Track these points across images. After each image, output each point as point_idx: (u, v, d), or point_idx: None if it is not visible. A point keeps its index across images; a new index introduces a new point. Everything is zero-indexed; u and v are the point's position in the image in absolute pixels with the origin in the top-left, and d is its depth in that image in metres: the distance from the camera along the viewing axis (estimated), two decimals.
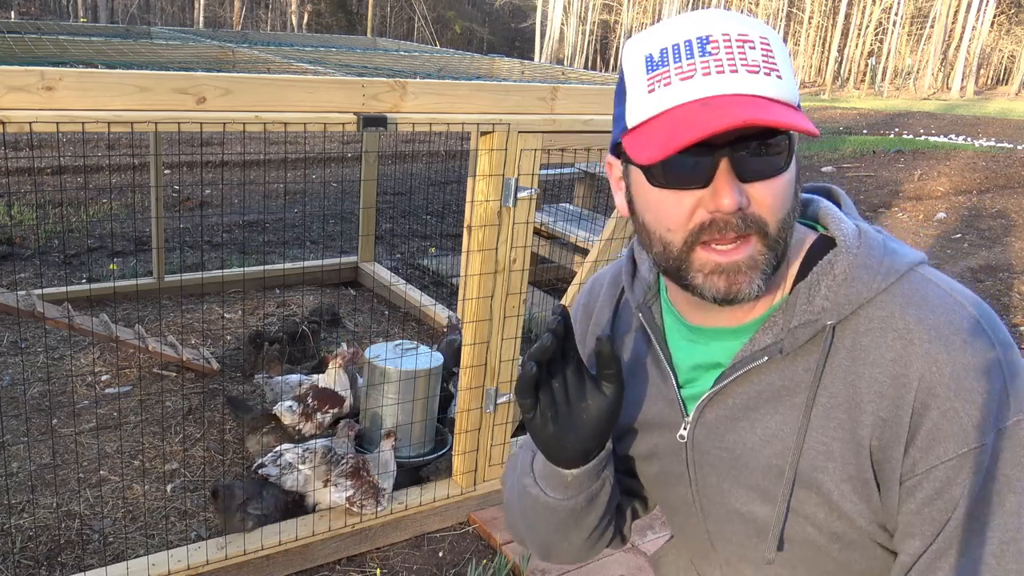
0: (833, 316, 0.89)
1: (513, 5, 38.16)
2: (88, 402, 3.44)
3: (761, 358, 0.92)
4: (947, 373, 0.83)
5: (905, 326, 0.86)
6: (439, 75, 3.00)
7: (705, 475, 1.01)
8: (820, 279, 0.90)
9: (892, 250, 0.91)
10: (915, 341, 0.85)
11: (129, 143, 8.65)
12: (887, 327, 0.87)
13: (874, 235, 0.92)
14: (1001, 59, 47.13)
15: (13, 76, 1.82)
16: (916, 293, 0.87)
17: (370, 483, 2.67)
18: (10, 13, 23.44)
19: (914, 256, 0.92)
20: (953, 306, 0.86)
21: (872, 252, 0.90)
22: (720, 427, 0.97)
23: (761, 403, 0.94)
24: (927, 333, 0.85)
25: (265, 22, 31.81)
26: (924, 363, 0.84)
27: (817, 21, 41.86)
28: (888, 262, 0.89)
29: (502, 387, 2.79)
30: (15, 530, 2.66)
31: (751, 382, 0.94)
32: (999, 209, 9.27)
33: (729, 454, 0.97)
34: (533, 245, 3.71)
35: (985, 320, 0.86)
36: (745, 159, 0.83)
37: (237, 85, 2.09)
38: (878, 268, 0.89)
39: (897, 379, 0.85)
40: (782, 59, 0.84)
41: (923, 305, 0.86)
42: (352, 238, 6.17)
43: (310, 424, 3.04)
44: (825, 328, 0.89)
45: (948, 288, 0.88)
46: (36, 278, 4.86)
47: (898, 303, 0.87)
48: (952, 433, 0.83)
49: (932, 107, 27.07)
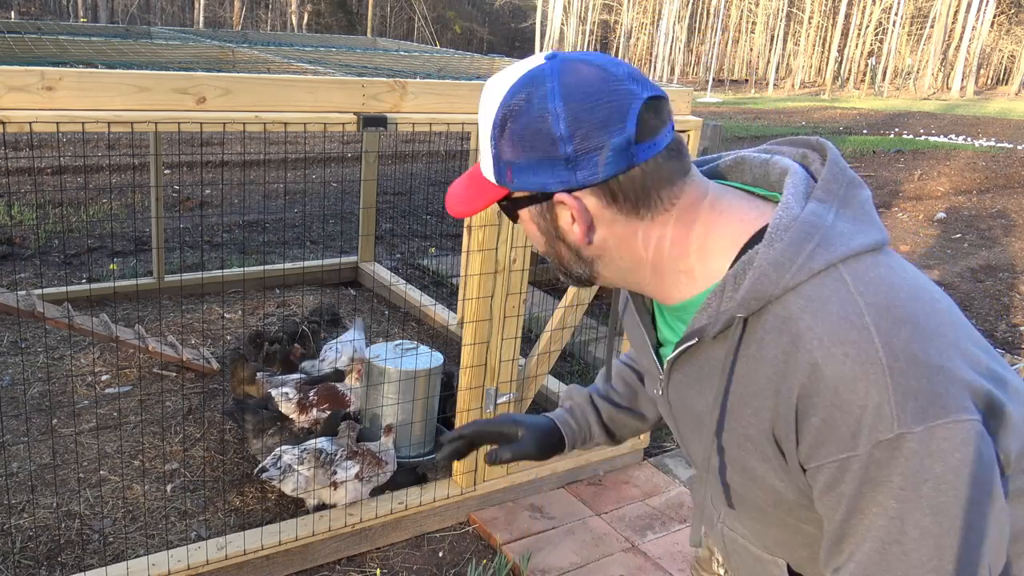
0: (743, 310, 0.92)
1: (513, 5, 38.14)
2: (88, 402, 3.44)
3: (694, 339, 0.98)
4: (825, 384, 0.86)
5: (797, 331, 0.88)
6: (439, 75, 3.00)
7: (679, 425, 1.13)
8: (745, 270, 0.92)
9: (824, 240, 0.90)
10: (800, 348, 0.88)
11: (129, 143, 8.65)
12: (784, 329, 0.89)
13: (809, 224, 0.91)
14: (1001, 59, 47.12)
15: (13, 76, 1.82)
16: (820, 296, 0.88)
17: (371, 455, 2.72)
18: (10, 13, 23.43)
19: (849, 247, 0.90)
20: (849, 315, 0.86)
21: (792, 247, 0.90)
22: (682, 389, 1.06)
23: (702, 377, 1.01)
24: (812, 341, 0.87)
25: (265, 22, 31.80)
26: (806, 371, 0.87)
27: (817, 21, 41.85)
28: (807, 258, 0.89)
29: (502, 387, 2.79)
30: (15, 530, 2.66)
31: (695, 356, 1.01)
32: (999, 209, 9.27)
33: (691, 413, 1.07)
34: (532, 246, 3.70)
35: (881, 331, 0.85)
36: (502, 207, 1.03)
37: (237, 85, 2.09)
38: (790, 266, 0.89)
39: (785, 380, 0.89)
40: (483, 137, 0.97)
41: (819, 310, 0.88)
42: (352, 238, 6.17)
43: (305, 416, 3.05)
44: (735, 320, 0.93)
45: (858, 291, 0.88)
46: (36, 278, 4.86)
47: (799, 305, 0.89)
48: (831, 439, 0.87)
49: (932, 107, 27.07)
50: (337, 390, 3.14)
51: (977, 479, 0.84)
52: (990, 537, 0.85)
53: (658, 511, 3.00)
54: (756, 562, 1.15)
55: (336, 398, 3.11)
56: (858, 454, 0.85)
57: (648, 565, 2.70)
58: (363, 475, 2.68)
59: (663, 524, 2.92)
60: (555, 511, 2.96)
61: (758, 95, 30.76)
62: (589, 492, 3.11)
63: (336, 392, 3.13)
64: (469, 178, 1.01)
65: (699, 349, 1.00)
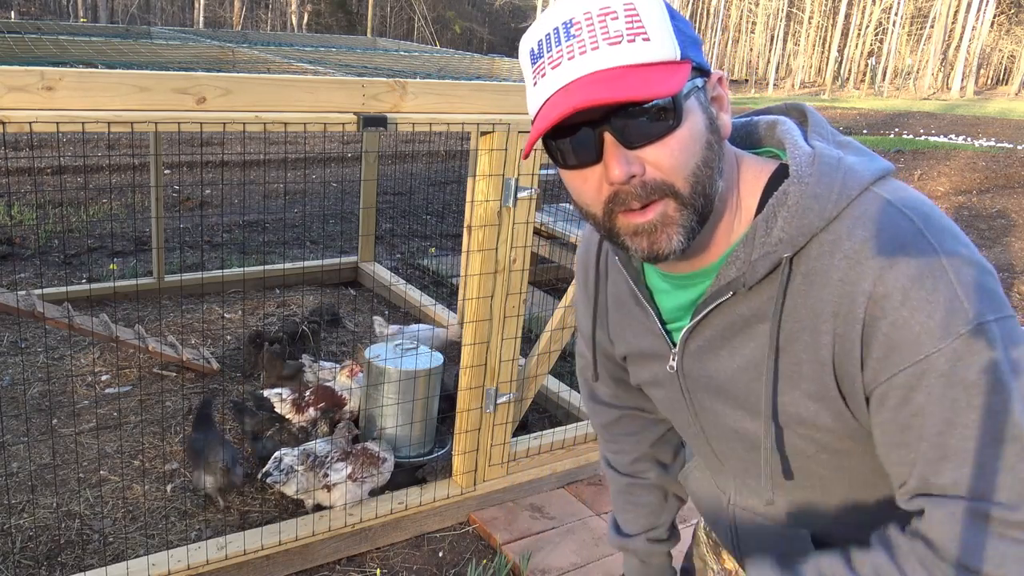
0: (788, 249, 0.91)
1: (513, 5, 38.15)
2: (88, 402, 3.44)
3: (727, 293, 0.95)
4: (892, 286, 0.84)
5: (851, 246, 0.88)
6: (439, 75, 3.00)
7: (700, 399, 1.07)
8: (776, 211, 0.92)
9: (849, 169, 0.91)
10: (860, 260, 0.87)
11: (129, 143, 8.66)
12: (835, 250, 0.89)
13: (829, 157, 0.92)
14: (1001, 59, 47.13)
15: (13, 76, 1.82)
16: (865, 213, 0.88)
17: (366, 454, 2.71)
18: (10, 13, 23.44)
19: (871, 172, 0.91)
20: (898, 220, 0.87)
21: (823, 178, 0.90)
22: (703, 356, 1.03)
23: (735, 332, 0.98)
24: (871, 251, 0.86)
25: (265, 22, 31.81)
26: (870, 279, 0.86)
27: (817, 21, 41.86)
28: (840, 186, 0.90)
29: (502, 387, 2.79)
30: (15, 530, 2.66)
31: (724, 314, 0.98)
32: (999, 209, 9.27)
33: (715, 380, 1.03)
34: (533, 245, 3.72)
35: (932, 231, 0.86)
36: (627, 127, 0.85)
37: (237, 85, 2.09)
38: (828, 195, 0.90)
39: (846, 297, 0.87)
40: (651, 18, 0.85)
41: (869, 224, 0.88)
42: (352, 238, 6.17)
43: (300, 416, 3.05)
44: (782, 260, 0.91)
45: (899, 203, 0.88)
46: (36, 278, 4.86)
47: (846, 226, 0.89)
48: (905, 341, 0.84)
49: (932, 107, 27.07)
50: (333, 390, 3.14)
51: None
52: None
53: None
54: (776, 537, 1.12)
55: (332, 398, 3.12)
56: (940, 349, 0.82)
57: None
58: (356, 476, 2.68)
59: None
60: (555, 511, 2.96)
61: (758, 95, 30.76)
62: (589, 492, 3.11)
63: (331, 392, 3.14)
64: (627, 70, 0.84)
65: (725, 305, 0.97)
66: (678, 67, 0.85)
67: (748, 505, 1.16)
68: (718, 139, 0.91)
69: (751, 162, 0.98)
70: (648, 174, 0.86)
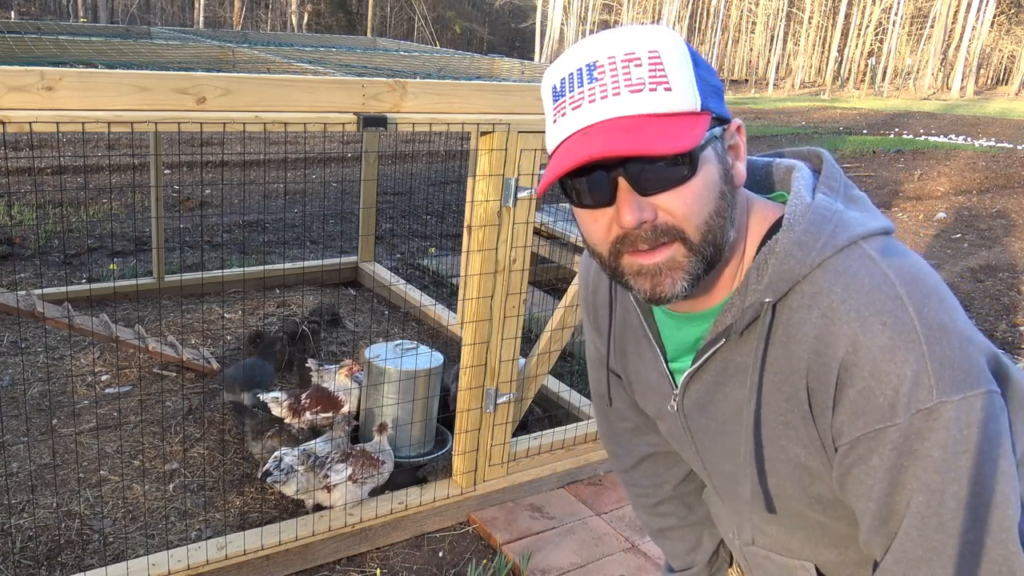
0: (770, 294, 0.92)
1: (513, 5, 38.15)
2: (88, 402, 3.44)
3: (721, 340, 0.97)
4: (864, 356, 0.86)
5: (829, 304, 0.88)
6: (439, 75, 3.00)
7: (700, 438, 1.10)
8: (768, 258, 0.93)
9: (842, 222, 0.91)
10: (836, 320, 0.88)
11: (129, 143, 8.65)
12: (814, 304, 0.90)
13: (824, 208, 0.92)
14: (1001, 59, 47.12)
15: (13, 76, 1.82)
16: (848, 269, 0.89)
17: (365, 456, 2.71)
18: (10, 13, 23.43)
19: (865, 228, 0.91)
20: (881, 285, 0.87)
21: (811, 227, 0.91)
22: (702, 399, 1.04)
23: (728, 378, 1.00)
24: (848, 312, 0.87)
25: (265, 22, 31.80)
26: (843, 346, 0.87)
27: (817, 21, 41.85)
28: (829, 236, 0.90)
29: (502, 387, 2.79)
30: (15, 530, 2.66)
31: (719, 359, 1.00)
32: (999, 209, 9.27)
33: (714, 422, 1.05)
34: (533, 245, 3.72)
35: (914, 297, 0.86)
36: (643, 174, 0.86)
37: (237, 85, 2.08)
38: (814, 244, 0.90)
39: (820, 357, 0.89)
40: (675, 67, 0.86)
41: (851, 283, 0.88)
42: (352, 238, 6.17)
43: (296, 420, 3.05)
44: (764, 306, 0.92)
45: (885, 265, 0.88)
46: (36, 278, 4.86)
47: (828, 279, 0.89)
48: (869, 409, 0.86)
49: (932, 107, 27.07)
50: (330, 392, 3.14)
51: (1006, 449, 0.85)
52: (1015, 505, 0.86)
53: None
54: (782, 569, 1.14)
55: (329, 400, 3.12)
56: (897, 423, 0.84)
57: (648, 565, 2.70)
58: (356, 477, 2.67)
59: None
60: (555, 511, 2.96)
61: (758, 95, 30.76)
62: (589, 492, 3.11)
63: (329, 394, 3.14)
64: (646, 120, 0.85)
65: (721, 351, 0.99)
66: (697, 119, 0.86)
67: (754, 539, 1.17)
68: (732, 188, 0.91)
69: (760, 208, 0.98)
70: (660, 219, 0.87)
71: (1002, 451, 0.84)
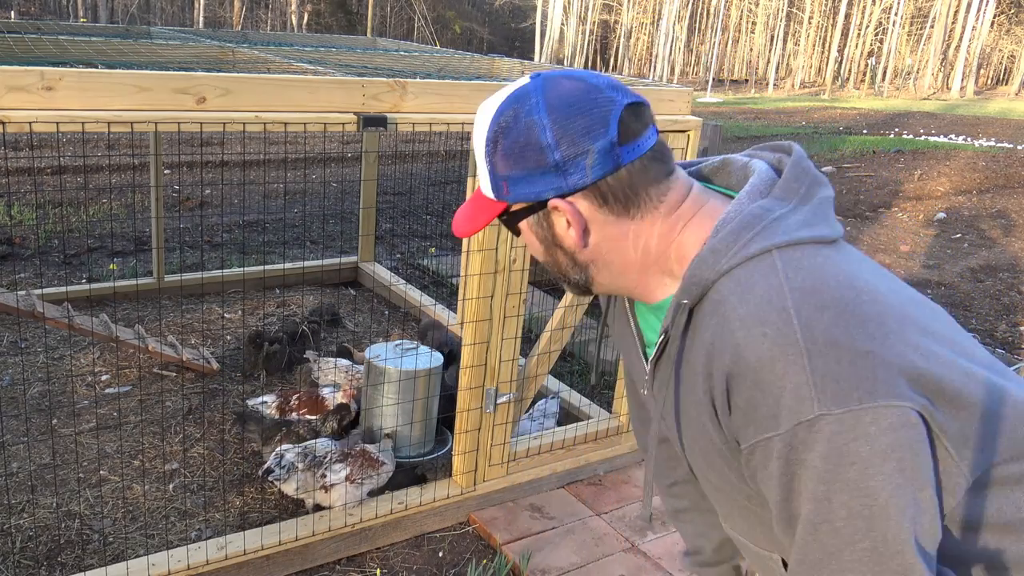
0: (685, 296, 0.96)
1: (513, 5, 38.15)
2: (88, 402, 3.44)
3: (663, 335, 1.02)
4: (744, 366, 0.89)
5: (724, 312, 0.92)
6: (439, 75, 3.00)
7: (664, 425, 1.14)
8: None
9: (767, 228, 0.93)
10: (725, 328, 0.91)
11: (129, 143, 8.65)
12: (715, 311, 0.93)
13: (752, 217, 0.95)
14: (1001, 59, 47.12)
15: (13, 76, 1.82)
16: (748, 279, 0.91)
17: (365, 456, 2.70)
18: (10, 13, 23.44)
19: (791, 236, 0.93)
20: (771, 297, 0.89)
21: (731, 235, 0.94)
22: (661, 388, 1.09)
23: (668, 375, 1.04)
24: (735, 323, 0.90)
25: (265, 22, 31.80)
26: (728, 355, 0.90)
27: (817, 21, 41.85)
28: (743, 245, 0.93)
29: (502, 387, 2.79)
30: (15, 530, 2.66)
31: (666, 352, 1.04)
32: (999, 209, 9.27)
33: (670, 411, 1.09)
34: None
35: (805, 311, 0.87)
36: None
37: (237, 85, 2.08)
38: (726, 251, 0.93)
39: (712, 361, 0.93)
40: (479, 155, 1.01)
41: (745, 292, 0.91)
42: (352, 238, 6.17)
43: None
44: (680, 306, 0.97)
45: (785, 276, 0.90)
46: (36, 278, 4.86)
47: (729, 287, 0.92)
48: (756, 418, 0.90)
49: (932, 107, 27.07)
50: (317, 395, 3.15)
51: (906, 464, 0.85)
52: (922, 522, 0.87)
53: (658, 511, 3.00)
54: (758, 557, 1.17)
55: (315, 403, 3.12)
56: (780, 433, 0.87)
57: (648, 565, 2.70)
58: (354, 477, 2.67)
59: (663, 524, 2.92)
60: (555, 511, 2.96)
61: (758, 95, 30.77)
62: (589, 492, 3.11)
63: (316, 397, 3.14)
64: (472, 200, 1.06)
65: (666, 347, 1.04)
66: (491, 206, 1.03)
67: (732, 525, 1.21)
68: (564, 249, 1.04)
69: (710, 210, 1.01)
70: None
71: (896, 465, 0.85)
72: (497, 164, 0.99)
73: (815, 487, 0.87)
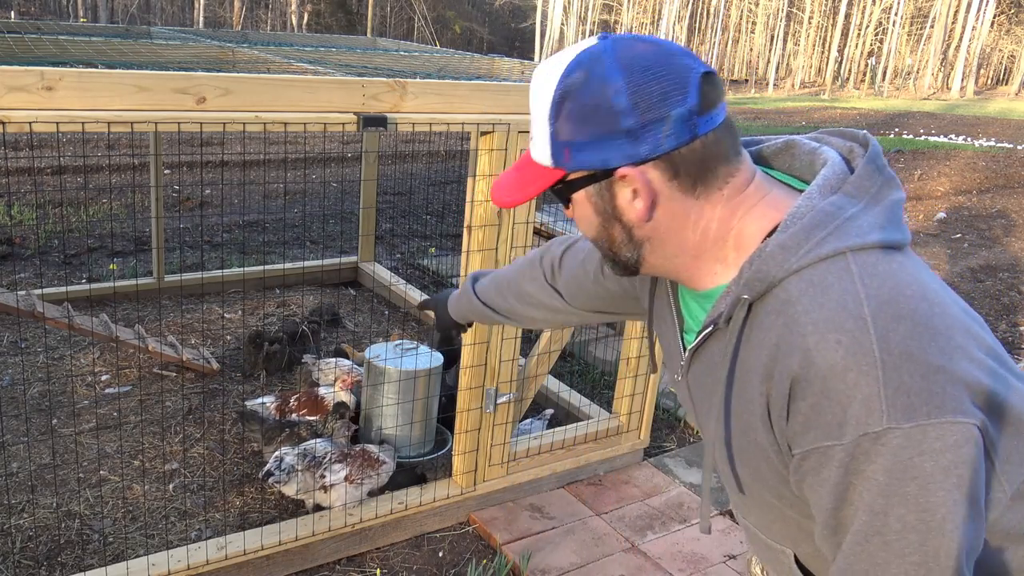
0: (747, 292, 0.92)
1: (513, 5, 38.16)
2: (88, 402, 3.44)
3: (710, 326, 0.99)
4: (815, 373, 0.86)
5: (793, 314, 0.89)
6: (439, 75, 3.00)
7: (697, 411, 1.12)
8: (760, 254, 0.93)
9: (839, 229, 0.90)
10: (795, 331, 0.88)
11: (129, 143, 8.65)
12: (782, 311, 0.90)
13: (825, 215, 0.91)
14: (1001, 59, 47.12)
15: (13, 76, 1.82)
16: (822, 282, 0.88)
17: (364, 457, 2.70)
18: (10, 13, 23.44)
19: (863, 239, 0.90)
20: (847, 303, 0.86)
21: (802, 232, 0.90)
22: (699, 377, 1.07)
23: (713, 366, 1.02)
24: (807, 326, 0.87)
25: (265, 22, 31.80)
26: (798, 359, 0.87)
27: (817, 21, 41.85)
28: (815, 244, 0.89)
29: (502, 387, 2.79)
30: (15, 530, 2.66)
31: (711, 343, 1.02)
32: (999, 209, 9.27)
33: (705, 401, 1.07)
34: (533, 245, 3.71)
35: (882, 320, 0.85)
36: None
37: (237, 85, 2.08)
38: (797, 250, 0.90)
39: (776, 363, 0.90)
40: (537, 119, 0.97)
41: (819, 295, 0.88)
42: (352, 238, 6.17)
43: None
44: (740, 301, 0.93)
45: (862, 282, 0.87)
46: (36, 278, 4.86)
47: (800, 288, 0.89)
48: (818, 424, 0.87)
49: (932, 107, 27.07)
50: (317, 396, 3.15)
51: (965, 481, 0.84)
52: (970, 538, 0.86)
53: (658, 511, 3.00)
54: (767, 550, 1.16)
55: (315, 404, 3.12)
56: (843, 443, 0.85)
57: (648, 565, 2.70)
58: (353, 478, 2.67)
59: (663, 524, 2.92)
60: (555, 511, 2.96)
61: (758, 95, 30.77)
62: (589, 492, 3.11)
63: (316, 397, 3.14)
64: (518, 167, 1.01)
65: (714, 337, 1.01)
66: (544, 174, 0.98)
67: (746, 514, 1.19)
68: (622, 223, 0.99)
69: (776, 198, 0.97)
70: None
71: (956, 481, 0.84)
72: (561, 129, 0.93)
73: (873, 499, 0.85)
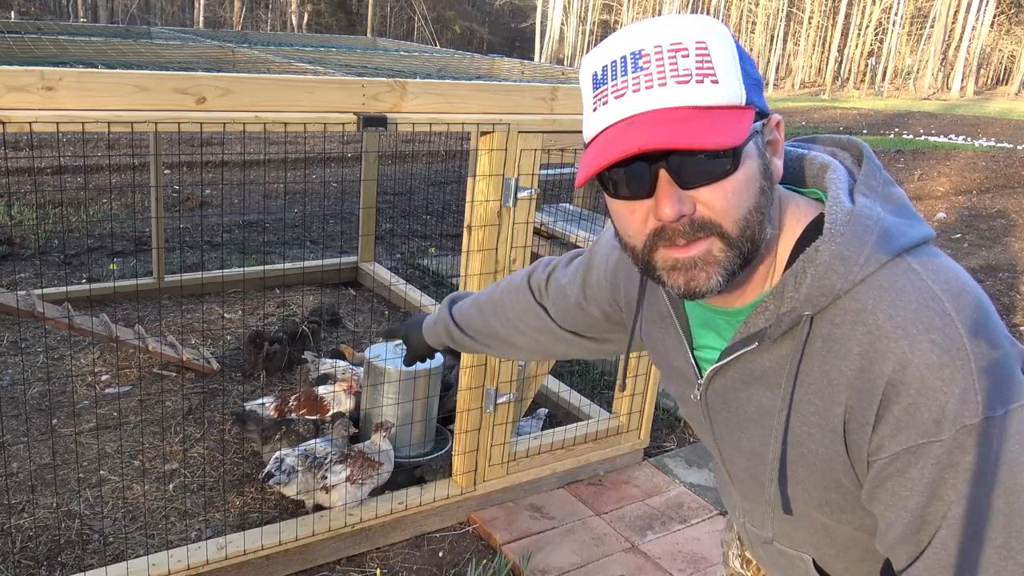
0: (810, 308, 0.90)
1: (513, 5, 38.16)
2: (88, 402, 3.44)
3: (752, 343, 0.96)
4: (912, 374, 0.85)
5: (875, 321, 0.87)
6: (439, 75, 3.00)
7: (719, 429, 1.09)
8: (806, 267, 0.91)
9: (884, 232, 0.90)
10: (882, 338, 0.86)
11: (129, 143, 8.65)
12: (859, 320, 0.88)
13: (866, 217, 0.90)
14: (1001, 59, 47.11)
15: (13, 76, 1.82)
16: (893, 285, 0.87)
17: (364, 458, 2.71)
18: (10, 13, 23.44)
19: (908, 238, 0.90)
20: (928, 302, 0.86)
21: (854, 239, 0.89)
22: (726, 394, 1.04)
23: (754, 380, 0.99)
24: (895, 331, 0.86)
25: (265, 22, 31.80)
26: (891, 363, 0.86)
27: (817, 21, 41.84)
28: (870, 250, 0.89)
29: (502, 387, 2.79)
30: (15, 530, 2.66)
31: (747, 360, 0.98)
32: (999, 209, 9.27)
33: (735, 418, 1.04)
34: (533, 245, 3.71)
35: (961, 313, 0.85)
36: (684, 166, 0.84)
37: (237, 85, 2.08)
38: (856, 258, 0.88)
39: (865, 373, 0.87)
40: (722, 60, 0.85)
41: (896, 299, 0.87)
42: (352, 238, 6.17)
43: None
44: (803, 318, 0.91)
45: (931, 280, 0.87)
46: (36, 278, 4.85)
47: (872, 296, 0.88)
48: (913, 425, 0.85)
49: (932, 107, 27.07)
50: (317, 396, 3.15)
51: None
52: None
53: (658, 511, 3.00)
54: (780, 556, 1.15)
55: (315, 404, 3.12)
56: (942, 439, 0.84)
57: (648, 565, 2.70)
58: (354, 478, 2.67)
59: (663, 524, 2.92)
60: (555, 511, 2.96)
61: None
62: (589, 492, 3.11)
63: (315, 398, 3.14)
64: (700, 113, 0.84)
65: (749, 354, 0.98)
66: (743, 113, 0.85)
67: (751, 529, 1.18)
68: (770, 184, 0.90)
69: (794, 205, 0.96)
70: (698, 212, 0.86)
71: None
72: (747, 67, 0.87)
73: (968, 489, 0.84)
